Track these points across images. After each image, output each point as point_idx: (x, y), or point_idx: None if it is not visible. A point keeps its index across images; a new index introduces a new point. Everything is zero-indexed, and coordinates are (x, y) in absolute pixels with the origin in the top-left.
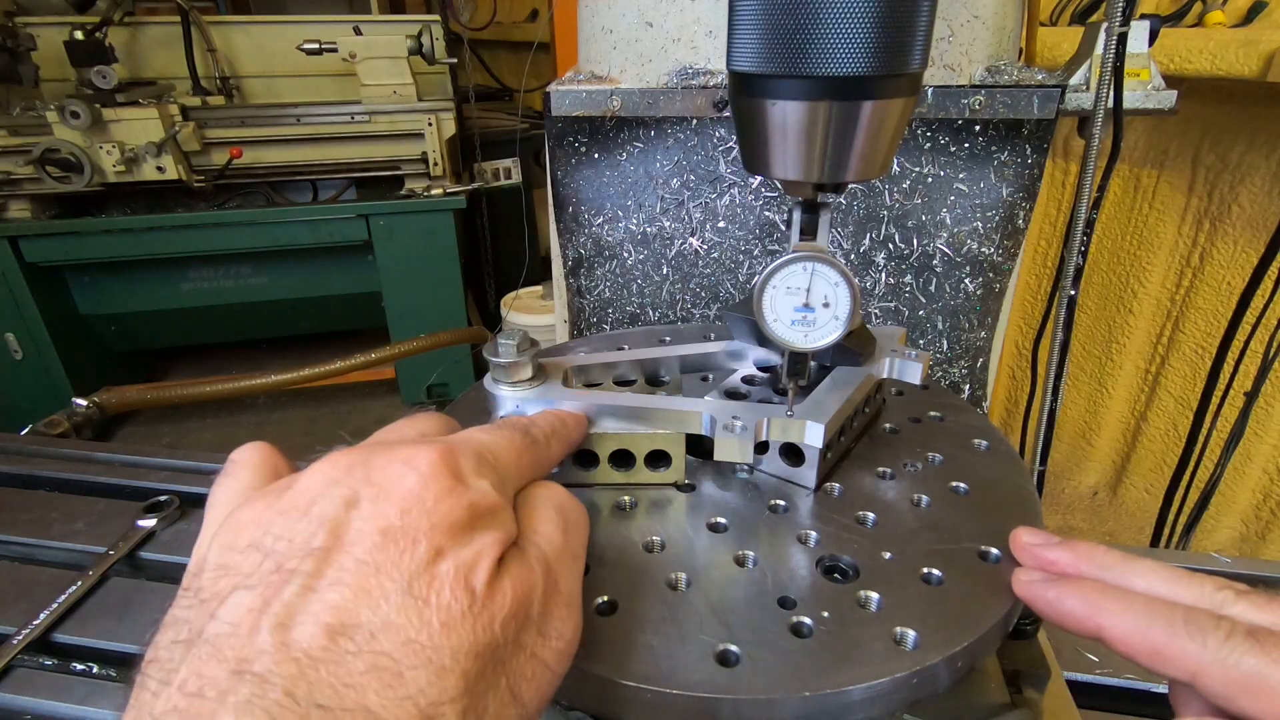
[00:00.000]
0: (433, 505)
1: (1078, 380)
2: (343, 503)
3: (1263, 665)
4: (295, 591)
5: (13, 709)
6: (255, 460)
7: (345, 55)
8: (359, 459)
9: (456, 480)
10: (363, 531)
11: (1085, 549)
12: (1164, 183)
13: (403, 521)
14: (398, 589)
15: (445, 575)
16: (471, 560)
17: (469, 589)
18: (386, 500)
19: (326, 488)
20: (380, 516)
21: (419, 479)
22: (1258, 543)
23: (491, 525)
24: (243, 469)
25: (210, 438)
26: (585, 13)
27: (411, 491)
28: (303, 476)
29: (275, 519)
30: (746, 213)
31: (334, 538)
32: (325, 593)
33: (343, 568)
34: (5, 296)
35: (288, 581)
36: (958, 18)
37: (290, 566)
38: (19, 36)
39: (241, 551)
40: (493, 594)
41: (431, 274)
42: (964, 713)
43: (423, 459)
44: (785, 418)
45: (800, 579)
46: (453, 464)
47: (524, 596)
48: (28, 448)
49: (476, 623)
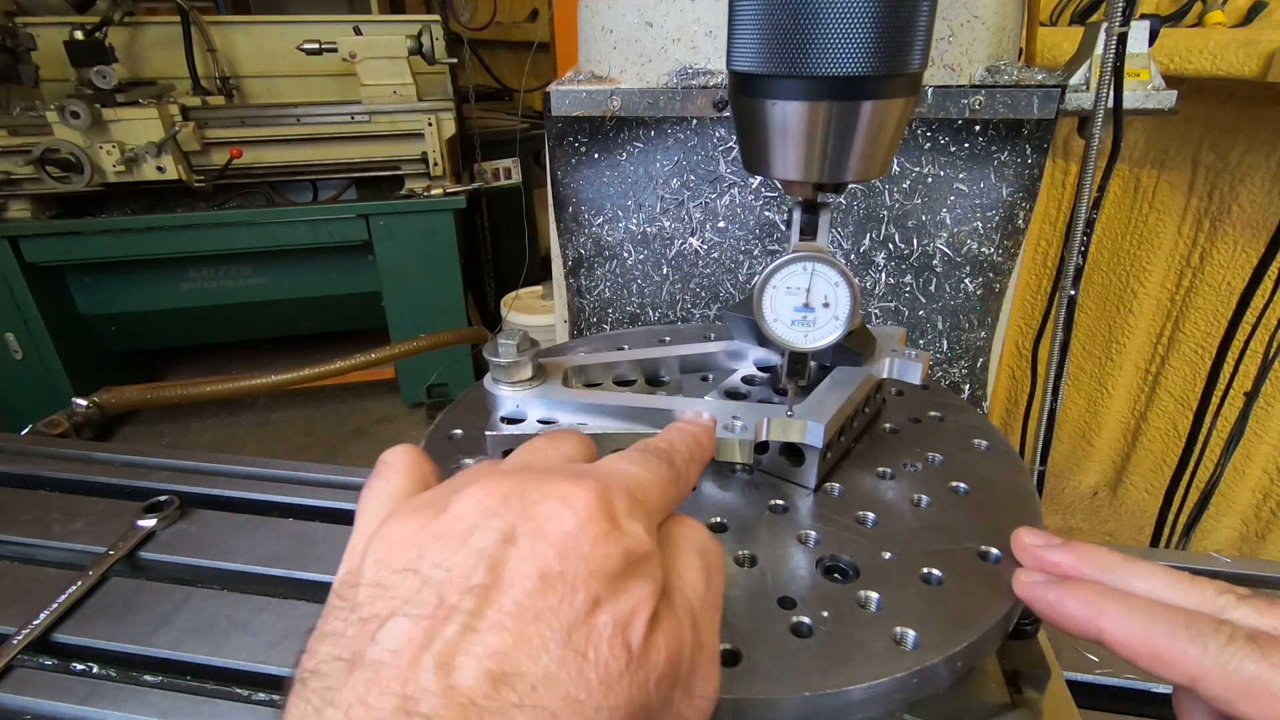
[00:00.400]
0: (590, 550)
1: (1078, 380)
2: (500, 537)
3: (1263, 670)
4: (457, 630)
5: (13, 709)
6: (405, 464)
7: (345, 55)
8: (514, 489)
9: (612, 524)
10: (521, 572)
11: (1087, 551)
12: (1164, 183)
13: (561, 566)
14: (557, 640)
15: (604, 629)
16: (629, 613)
17: (626, 645)
18: (544, 540)
19: (483, 518)
20: (538, 557)
21: (576, 520)
22: (1258, 543)
23: (645, 574)
24: (394, 473)
25: (210, 438)
26: (585, 13)
27: (569, 534)
28: (457, 499)
29: (431, 543)
30: (746, 213)
31: (493, 575)
32: (486, 635)
33: (502, 609)
34: (5, 296)
35: (449, 618)
36: (958, 18)
37: (451, 602)
38: (19, 36)
39: (398, 572)
40: (648, 651)
41: (431, 274)
42: (964, 713)
43: (580, 498)
44: (785, 418)
45: (800, 579)
46: (608, 505)
47: (675, 654)
48: (28, 448)
49: (633, 682)
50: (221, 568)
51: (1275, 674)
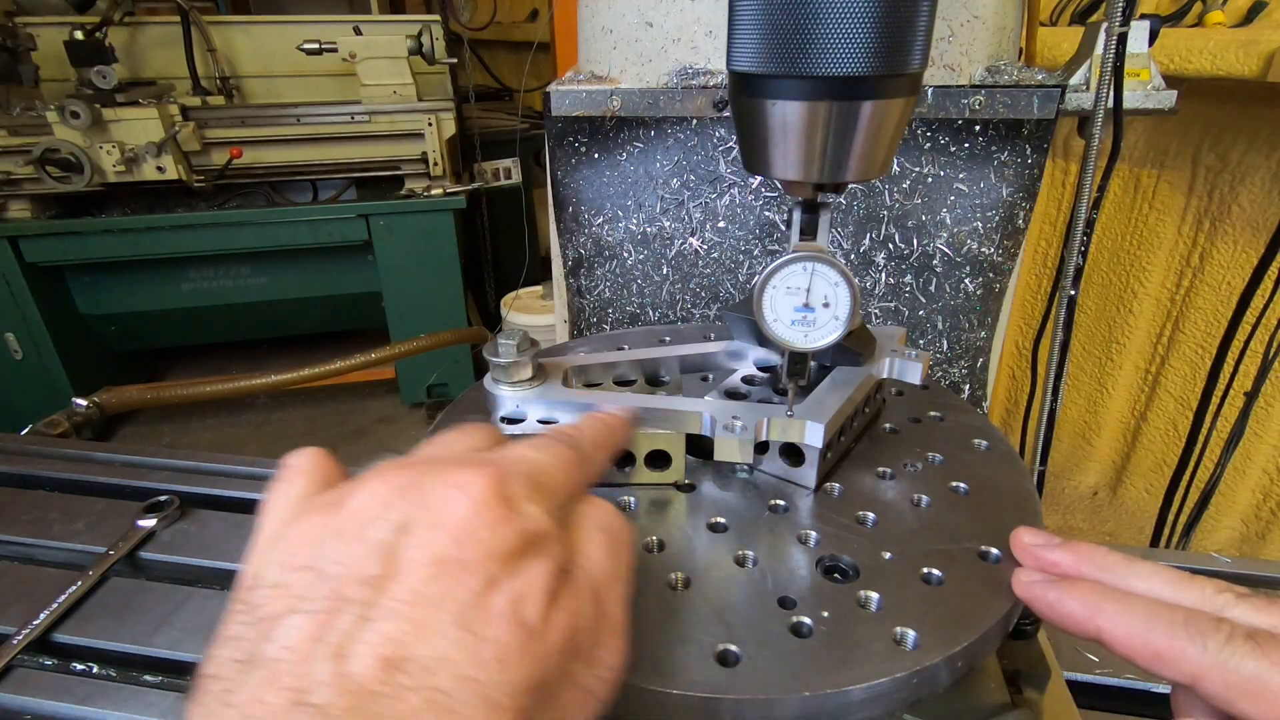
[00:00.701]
0: (485, 534)
1: (1078, 380)
2: (396, 527)
3: (1263, 668)
4: (351, 621)
5: (13, 709)
6: (309, 466)
7: (345, 55)
8: (411, 479)
9: (509, 507)
10: (416, 560)
11: (1086, 550)
12: (1164, 183)
13: (456, 551)
14: (452, 622)
15: (499, 608)
16: (525, 592)
17: (522, 622)
18: (440, 527)
19: (380, 510)
20: (433, 544)
21: (471, 505)
22: (1258, 543)
23: (543, 553)
24: (298, 475)
25: (210, 438)
26: (585, 13)
27: (464, 519)
28: (354, 493)
29: (328, 539)
30: (746, 213)
31: (388, 565)
32: (381, 623)
33: (397, 598)
34: (5, 296)
35: (342, 610)
36: (958, 18)
37: (345, 594)
38: (19, 36)
39: (296, 570)
40: (545, 627)
41: (431, 274)
42: (964, 713)
43: (475, 484)
44: (785, 418)
45: (800, 579)
46: (505, 489)
47: (575, 628)
48: (28, 448)
49: (530, 657)
50: (221, 568)
51: (1275, 672)
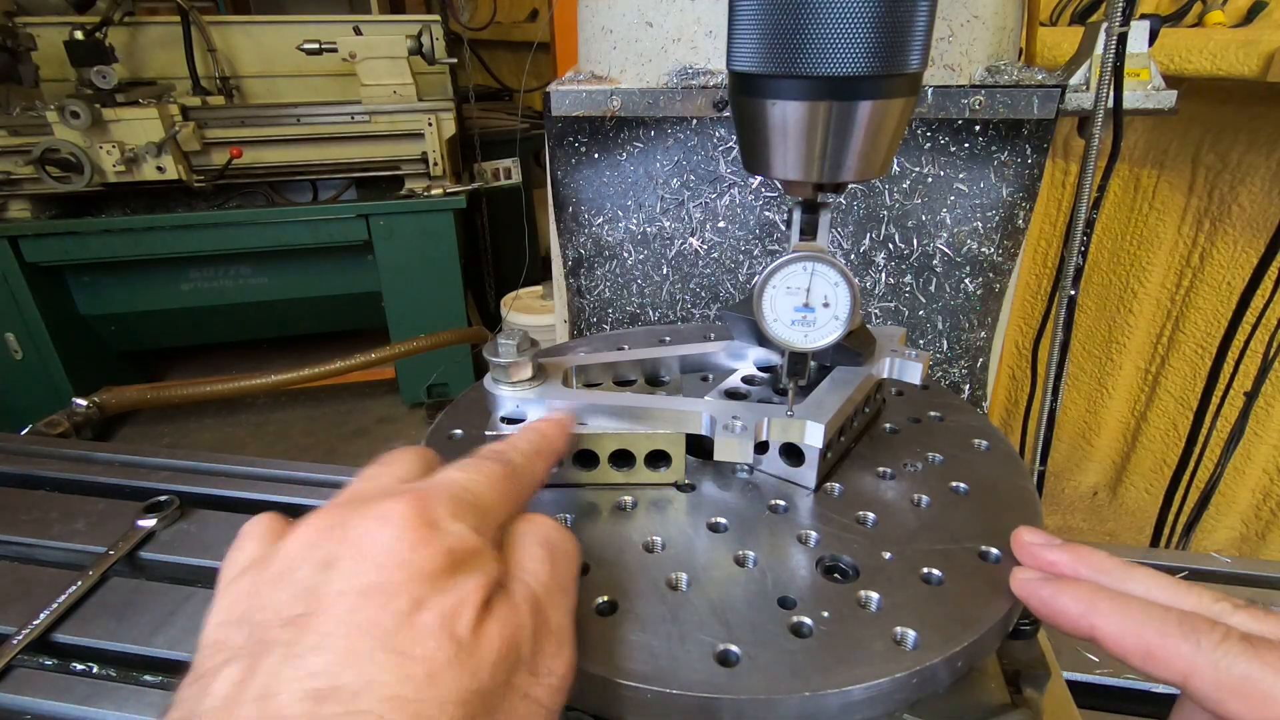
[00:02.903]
0: (408, 556)
1: (1078, 380)
2: (319, 566)
3: (1255, 669)
4: (277, 661)
5: (13, 709)
6: (259, 531)
7: (345, 55)
8: (336, 519)
9: (431, 528)
10: (342, 593)
11: (1085, 552)
12: (1164, 183)
13: (379, 577)
14: (379, 645)
15: (427, 625)
16: (454, 607)
17: (453, 636)
18: (362, 558)
19: (305, 552)
20: (356, 575)
21: (393, 532)
22: (1258, 543)
23: (473, 569)
24: (248, 541)
25: (210, 438)
26: (585, 13)
27: (386, 545)
28: (284, 542)
29: (261, 589)
30: (746, 213)
31: (312, 602)
32: (306, 659)
33: (322, 631)
34: (5, 296)
35: (268, 652)
36: (958, 18)
37: (270, 637)
38: (19, 36)
39: (231, 625)
40: (478, 639)
41: (431, 274)
42: (964, 713)
43: (395, 511)
44: (785, 418)
45: (800, 579)
46: (426, 511)
47: (511, 638)
48: (28, 448)
49: (462, 670)
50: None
51: (1267, 673)
